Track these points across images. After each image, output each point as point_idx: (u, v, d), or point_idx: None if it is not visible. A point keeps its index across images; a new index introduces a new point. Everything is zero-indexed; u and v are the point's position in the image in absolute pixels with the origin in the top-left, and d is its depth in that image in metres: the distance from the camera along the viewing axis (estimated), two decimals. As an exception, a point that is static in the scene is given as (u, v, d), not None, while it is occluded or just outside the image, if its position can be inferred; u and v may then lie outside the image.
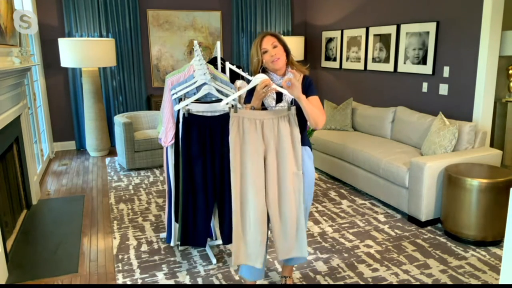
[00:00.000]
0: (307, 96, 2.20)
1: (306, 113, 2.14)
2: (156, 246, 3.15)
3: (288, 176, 2.16)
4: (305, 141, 2.31)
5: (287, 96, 2.23)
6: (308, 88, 2.23)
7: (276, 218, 2.18)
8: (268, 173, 2.17)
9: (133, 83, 6.11)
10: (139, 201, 4.05)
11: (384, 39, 5.09)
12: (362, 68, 5.55)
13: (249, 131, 2.14)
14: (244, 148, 2.15)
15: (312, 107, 2.14)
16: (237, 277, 2.71)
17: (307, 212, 2.41)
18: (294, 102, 2.21)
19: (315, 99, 2.22)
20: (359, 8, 5.57)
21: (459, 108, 4.13)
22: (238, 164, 2.15)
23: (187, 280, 2.69)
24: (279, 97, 2.28)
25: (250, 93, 2.26)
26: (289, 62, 2.32)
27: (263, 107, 2.25)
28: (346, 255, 2.98)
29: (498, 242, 3.10)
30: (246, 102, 2.32)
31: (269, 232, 2.35)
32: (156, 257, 2.98)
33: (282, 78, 2.27)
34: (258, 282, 2.63)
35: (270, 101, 2.26)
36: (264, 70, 2.29)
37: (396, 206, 3.70)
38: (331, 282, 2.64)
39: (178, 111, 2.71)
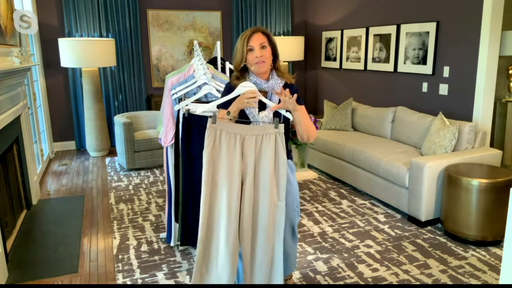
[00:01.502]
0: None
1: (300, 126, 1.96)
2: (156, 246, 3.15)
3: (268, 208, 1.87)
4: (287, 154, 2.06)
5: (272, 82, 2.05)
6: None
7: (248, 258, 1.91)
8: (244, 201, 1.87)
9: (133, 83, 6.11)
10: (139, 201, 4.05)
11: (384, 39, 5.09)
12: (362, 68, 5.55)
13: (227, 147, 1.86)
14: (219, 166, 1.87)
15: (309, 119, 1.98)
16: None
17: (295, 231, 2.21)
18: (282, 118, 1.99)
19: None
20: (359, 8, 5.57)
21: (459, 108, 4.13)
22: (210, 183, 1.87)
23: (187, 280, 2.69)
24: (262, 104, 2.07)
25: (229, 101, 2.03)
26: (275, 67, 2.09)
27: (243, 115, 2.03)
28: (346, 255, 2.98)
29: (498, 242, 3.10)
30: (220, 107, 2.08)
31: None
32: (156, 257, 2.98)
33: (267, 82, 2.06)
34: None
35: (253, 107, 2.03)
36: (247, 69, 2.10)
37: (396, 206, 3.70)
38: (331, 282, 2.64)
39: (178, 111, 2.72)
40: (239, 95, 2.00)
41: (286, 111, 2.02)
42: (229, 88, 2.11)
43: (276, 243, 1.92)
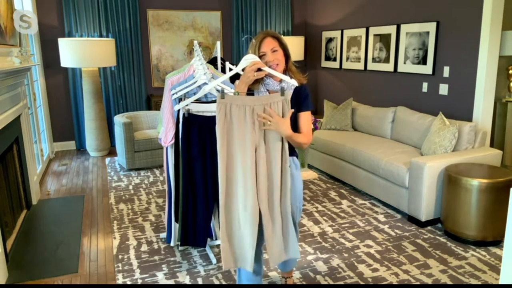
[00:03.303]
0: (300, 110, 2.08)
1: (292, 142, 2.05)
2: (156, 246, 3.15)
3: (278, 169, 2.01)
4: (292, 151, 2.17)
5: (285, 84, 2.08)
6: (303, 102, 2.10)
7: (267, 216, 2.03)
8: (259, 166, 1.99)
9: (133, 83, 6.11)
10: (139, 201, 4.05)
11: (384, 39, 5.09)
12: (362, 68, 5.55)
13: (238, 120, 1.95)
14: (232, 138, 1.97)
15: (301, 139, 2.04)
16: (237, 277, 2.71)
17: (296, 226, 2.28)
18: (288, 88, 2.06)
19: (306, 115, 2.11)
20: (359, 8, 5.57)
21: (459, 108, 4.13)
22: (225, 156, 1.98)
23: (187, 280, 2.69)
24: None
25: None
26: (288, 68, 2.14)
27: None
28: (346, 255, 2.98)
29: (498, 242, 3.10)
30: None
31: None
32: (156, 257, 2.98)
33: (280, 84, 2.10)
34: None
35: (263, 92, 2.10)
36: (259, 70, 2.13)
37: (396, 206, 3.70)
38: (331, 282, 2.64)
39: (178, 111, 2.72)
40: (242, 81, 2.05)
41: (295, 108, 2.08)
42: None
43: (286, 202, 2.06)
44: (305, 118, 2.11)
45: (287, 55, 2.13)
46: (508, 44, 4.07)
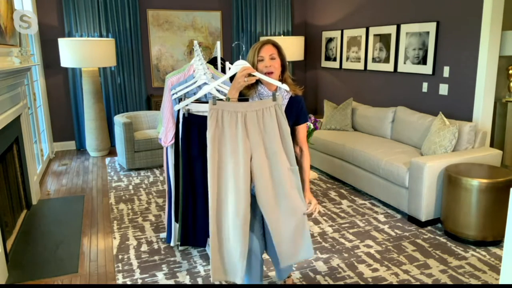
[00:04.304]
0: (299, 123, 2.17)
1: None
2: (156, 246, 3.15)
3: (283, 175, 1.96)
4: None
5: (279, 93, 2.08)
6: (301, 112, 2.15)
7: (276, 223, 1.98)
8: (257, 174, 1.94)
9: (133, 83, 6.11)
10: (139, 201, 4.05)
11: (384, 39, 5.09)
12: (362, 68, 5.55)
13: (230, 126, 1.92)
14: (224, 145, 1.94)
15: (309, 160, 2.21)
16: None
17: None
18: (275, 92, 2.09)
19: (304, 127, 2.20)
20: (359, 8, 5.57)
21: (459, 108, 4.13)
22: (216, 164, 1.94)
23: (187, 280, 2.69)
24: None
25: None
26: (283, 78, 2.13)
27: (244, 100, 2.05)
28: (346, 255, 2.98)
29: (498, 242, 3.10)
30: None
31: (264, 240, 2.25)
32: (156, 257, 2.98)
33: (272, 92, 2.09)
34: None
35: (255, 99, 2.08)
36: (257, 80, 2.11)
37: (396, 206, 3.70)
38: (331, 282, 2.64)
39: (178, 111, 2.72)
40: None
41: (292, 117, 2.14)
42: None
43: (302, 203, 2.03)
44: (303, 130, 2.22)
45: (284, 66, 2.13)
46: (508, 44, 4.07)
